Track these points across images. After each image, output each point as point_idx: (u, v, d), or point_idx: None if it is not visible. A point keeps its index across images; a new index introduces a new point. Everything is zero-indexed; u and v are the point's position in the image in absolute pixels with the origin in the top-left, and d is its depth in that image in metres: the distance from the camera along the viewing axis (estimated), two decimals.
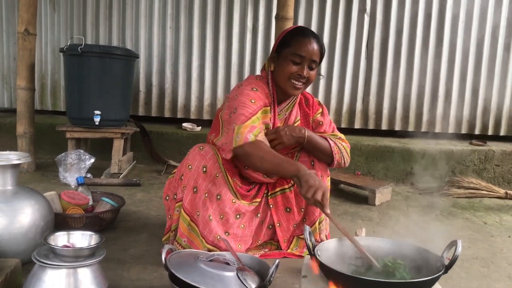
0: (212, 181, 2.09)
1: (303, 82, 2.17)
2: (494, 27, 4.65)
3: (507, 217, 3.32)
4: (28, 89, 3.85)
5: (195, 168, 2.08)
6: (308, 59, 2.13)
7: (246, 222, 2.25)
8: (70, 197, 2.55)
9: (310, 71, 2.17)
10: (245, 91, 2.16)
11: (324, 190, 1.79)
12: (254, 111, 2.10)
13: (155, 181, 3.77)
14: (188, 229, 2.11)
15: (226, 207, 2.13)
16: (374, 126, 4.81)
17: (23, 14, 3.75)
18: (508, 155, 4.23)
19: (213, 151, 2.13)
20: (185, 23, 4.82)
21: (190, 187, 2.08)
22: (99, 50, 3.72)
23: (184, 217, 2.10)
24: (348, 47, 4.74)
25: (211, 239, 2.08)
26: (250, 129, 2.04)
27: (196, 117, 4.90)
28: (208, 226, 2.08)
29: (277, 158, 1.99)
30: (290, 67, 2.14)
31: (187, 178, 2.09)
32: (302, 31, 2.20)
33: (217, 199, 2.11)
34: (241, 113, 2.07)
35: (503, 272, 2.27)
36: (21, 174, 3.68)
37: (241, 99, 2.12)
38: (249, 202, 2.24)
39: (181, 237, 2.12)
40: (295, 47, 2.13)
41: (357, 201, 3.55)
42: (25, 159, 2.05)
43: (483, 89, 4.73)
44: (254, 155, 1.99)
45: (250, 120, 2.06)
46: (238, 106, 2.10)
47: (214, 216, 2.10)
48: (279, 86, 2.20)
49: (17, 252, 1.91)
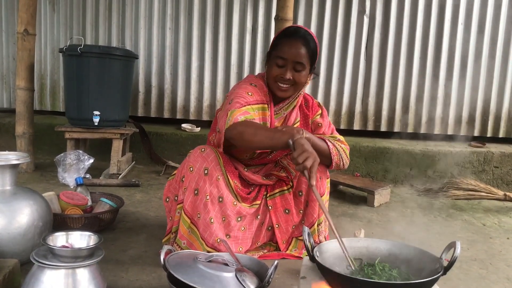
0: (214, 184, 2.08)
1: (288, 84, 2.16)
2: (493, 29, 4.65)
3: (506, 219, 3.32)
4: (27, 90, 3.85)
5: (197, 170, 2.08)
6: (291, 61, 2.11)
7: (247, 225, 2.25)
8: (69, 197, 2.55)
9: (296, 73, 2.14)
10: (243, 85, 2.18)
11: (314, 160, 1.74)
12: (250, 102, 2.11)
13: (154, 182, 3.77)
14: (188, 231, 2.11)
15: (228, 209, 2.13)
16: (373, 127, 4.81)
17: (23, 14, 3.75)
18: (507, 157, 4.24)
19: (214, 153, 2.12)
20: (184, 24, 4.83)
21: (191, 189, 2.08)
22: (99, 50, 3.72)
23: (184, 219, 2.10)
24: (348, 49, 4.75)
25: (211, 241, 2.08)
26: (243, 113, 2.03)
27: (195, 118, 4.90)
28: (209, 229, 2.08)
29: (270, 130, 2.00)
30: (274, 69, 2.15)
31: (189, 180, 2.08)
32: (289, 32, 2.18)
33: (219, 201, 2.10)
34: (236, 102, 2.08)
35: (501, 274, 2.27)
36: (20, 174, 3.68)
37: (238, 91, 2.14)
38: (250, 204, 2.25)
39: (181, 239, 2.12)
40: (278, 50, 2.14)
41: (356, 202, 3.55)
42: (24, 159, 2.04)
43: (482, 91, 4.73)
44: (247, 132, 1.94)
45: (244, 107, 2.06)
46: (234, 97, 2.11)
47: (216, 218, 2.10)
48: (269, 88, 2.22)
49: (16, 253, 1.91)
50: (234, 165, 2.23)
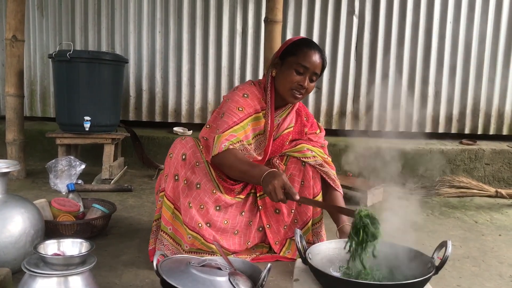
0: (191, 169, 2.15)
1: (302, 93, 2.20)
2: (481, 28, 4.68)
3: (498, 216, 3.34)
4: (17, 96, 3.82)
5: (175, 156, 2.16)
6: (311, 71, 2.17)
7: (230, 219, 2.26)
8: (61, 204, 2.54)
9: (310, 83, 2.21)
10: (235, 98, 2.20)
11: (282, 183, 1.79)
12: (239, 119, 2.14)
13: (147, 186, 3.76)
14: (172, 217, 2.17)
15: (205, 196, 2.17)
16: (364, 127, 4.83)
17: (11, 20, 3.73)
18: (497, 154, 4.27)
19: (194, 141, 2.21)
20: (174, 27, 4.82)
21: (171, 175, 2.15)
22: (88, 55, 3.71)
23: (167, 205, 2.16)
24: (338, 49, 4.76)
25: (192, 225, 2.13)
26: (228, 137, 2.08)
27: (187, 121, 4.89)
28: (189, 213, 2.13)
29: (244, 165, 2.01)
30: (293, 76, 2.16)
31: (168, 166, 2.17)
32: (308, 42, 2.24)
33: (196, 187, 2.16)
34: (224, 121, 2.13)
35: (494, 271, 2.29)
36: (11, 181, 3.66)
37: (230, 105, 2.18)
38: (233, 197, 2.26)
39: (167, 226, 2.17)
40: (300, 57, 2.15)
41: (349, 202, 3.55)
42: (14, 167, 2.03)
43: (472, 89, 4.76)
44: (224, 165, 2.06)
45: (231, 129, 2.11)
46: (225, 112, 2.16)
47: (193, 204, 2.15)
48: (279, 92, 2.23)
49: (7, 261, 1.90)
50: None
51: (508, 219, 3.28)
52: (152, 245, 2.23)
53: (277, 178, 1.80)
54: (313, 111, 4.80)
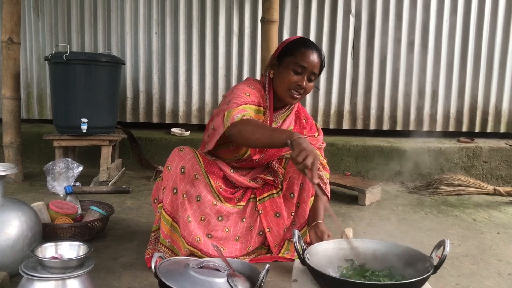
0: (190, 182, 2.11)
1: (300, 93, 2.19)
2: (478, 25, 4.69)
3: (496, 213, 3.34)
4: (14, 99, 3.82)
5: (174, 169, 2.11)
6: (309, 70, 2.14)
7: (231, 226, 2.25)
8: (59, 206, 2.53)
9: (309, 82, 2.18)
10: (241, 87, 2.18)
11: (314, 157, 1.69)
12: (248, 101, 2.10)
13: (145, 188, 3.75)
14: (171, 229, 2.15)
15: (206, 208, 2.15)
16: (362, 126, 4.83)
17: (6, 23, 3.72)
18: (495, 152, 4.27)
19: (193, 153, 2.16)
20: (170, 28, 4.81)
21: (169, 188, 2.12)
22: (85, 57, 3.70)
23: (165, 218, 2.14)
24: (335, 48, 4.76)
25: (190, 240, 2.11)
26: (240, 111, 2.01)
27: (184, 122, 4.89)
28: (187, 228, 2.11)
29: (268, 128, 1.99)
30: (291, 76, 2.14)
31: (167, 179, 2.12)
32: (306, 42, 2.21)
33: (196, 200, 2.13)
34: (233, 102, 2.06)
35: (492, 269, 2.29)
36: (9, 184, 3.65)
37: (236, 92, 2.14)
38: (234, 205, 2.25)
39: (165, 239, 2.16)
40: (298, 57, 2.13)
41: (347, 201, 3.56)
42: (11, 170, 2.02)
43: (469, 87, 4.76)
44: (245, 130, 1.92)
45: (241, 106, 2.05)
46: (232, 98, 2.10)
47: (194, 217, 2.13)
48: (277, 93, 2.21)
49: (5, 265, 1.89)
50: (220, 166, 2.24)
51: (506, 216, 3.28)
52: (149, 254, 2.21)
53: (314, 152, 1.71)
54: (311, 110, 4.80)
